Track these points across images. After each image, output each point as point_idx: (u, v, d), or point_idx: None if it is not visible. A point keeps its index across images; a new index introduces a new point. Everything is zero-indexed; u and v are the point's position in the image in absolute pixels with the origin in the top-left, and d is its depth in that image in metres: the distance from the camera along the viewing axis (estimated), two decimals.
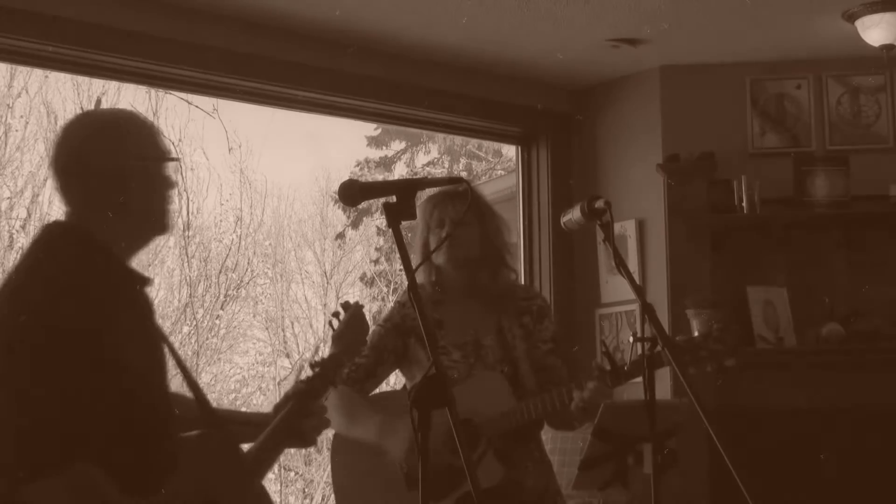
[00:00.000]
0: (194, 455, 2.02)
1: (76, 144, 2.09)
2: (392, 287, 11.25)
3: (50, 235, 2.10)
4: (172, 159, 2.13)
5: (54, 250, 2.04)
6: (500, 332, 2.94)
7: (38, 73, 8.60)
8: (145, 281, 2.13)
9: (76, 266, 2.01)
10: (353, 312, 2.33)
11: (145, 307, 2.14)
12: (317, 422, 2.21)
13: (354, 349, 2.31)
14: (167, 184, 2.12)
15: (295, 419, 2.15)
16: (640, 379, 2.34)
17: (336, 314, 2.36)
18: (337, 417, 2.87)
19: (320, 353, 2.26)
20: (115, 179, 2.05)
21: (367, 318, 2.39)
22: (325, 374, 2.22)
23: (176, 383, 2.27)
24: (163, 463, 1.99)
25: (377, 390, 3.06)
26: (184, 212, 9.54)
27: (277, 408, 2.21)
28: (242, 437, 2.16)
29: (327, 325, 2.36)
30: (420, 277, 2.94)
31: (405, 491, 2.76)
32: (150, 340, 2.10)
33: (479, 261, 2.95)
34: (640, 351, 2.22)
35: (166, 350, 2.15)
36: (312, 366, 2.23)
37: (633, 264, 4.88)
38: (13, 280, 2.03)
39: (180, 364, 2.20)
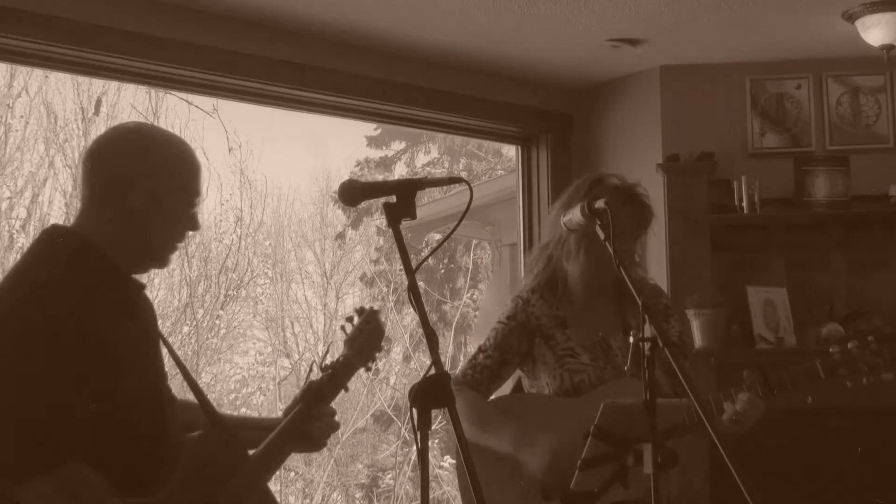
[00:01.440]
0: (192, 455, 2.00)
1: (109, 159, 2.06)
2: (392, 287, 11.25)
3: (48, 238, 2.08)
4: (197, 194, 2.13)
5: (52, 253, 2.02)
6: (627, 332, 2.78)
7: (38, 73, 8.61)
8: (141, 287, 2.11)
9: (72, 268, 1.99)
10: (368, 318, 2.28)
11: (146, 312, 2.12)
12: (325, 425, 2.18)
13: (368, 354, 2.25)
14: (187, 224, 2.12)
15: (302, 422, 2.13)
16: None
17: (350, 318, 2.31)
18: (465, 425, 2.70)
19: (331, 356, 2.21)
20: (147, 201, 2.03)
21: (384, 323, 2.34)
22: (335, 377, 2.19)
23: (176, 384, 2.25)
24: (160, 464, 1.98)
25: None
26: None
27: (287, 411, 2.19)
28: (252, 441, 2.13)
29: (339, 329, 2.32)
30: (572, 268, 2.82)
31: (540, 500, 2.67)
32: (149, 345, 2.09)
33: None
34: (640, 351, 2.21)
35: (166, 354, 2.13)
36: (323, 369, 2.21)
37: None
38: (11, 280, 2.01)
39: (183, 370, 2.19)
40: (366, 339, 2.26)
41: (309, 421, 2.14)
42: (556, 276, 2.88)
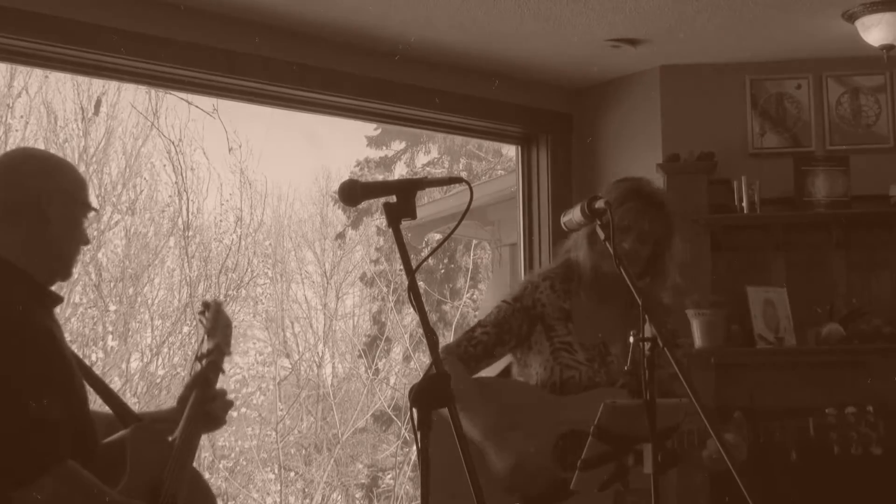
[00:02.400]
0: (135, 446, 2.17)
1: (21, 177, 2.22)
2: (392, 287, 11.25)
3: None
4: (95, 210, 2.31)
5: None
6: (628, 343, 2.78)
7: (38, 73, 8.60)
8: (59, 300, 2.28)
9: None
10: (217, 309, 2.52)
11: (58, 328, 2.27)
12: (221, 403, 2.39)
13: (228, 341, 2.48)
14: (83, 238, 2.28)
15: (202, 406, 2.32)
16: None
17: (202, 312, 2.54)
18: None
19: (203, 347, 2.45)
20: (60, 215, 2.20)
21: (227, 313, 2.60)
22: (214, 363, 2.42)
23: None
24: (101, 463, 2.12)
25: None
26: (184, 212, 9.55)
27: (181, 399, 2.38)
28: (161, 432, 2.31)
29: (197, 323, 2.55)
30: (578, 259, 2.79)
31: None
32: (68, 353, 2.22)
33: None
34: (641, 351, 2.21)
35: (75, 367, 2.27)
36: (199, 358, 2.43)
37: None
38: None
39: (94, 378, 2.32)
40: (223, 329, 2.49)
41: (207, 403, 2.34)
42: (572, 269, 2.86)
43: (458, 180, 2.10)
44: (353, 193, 2.02)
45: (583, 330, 2.81)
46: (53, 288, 2.27)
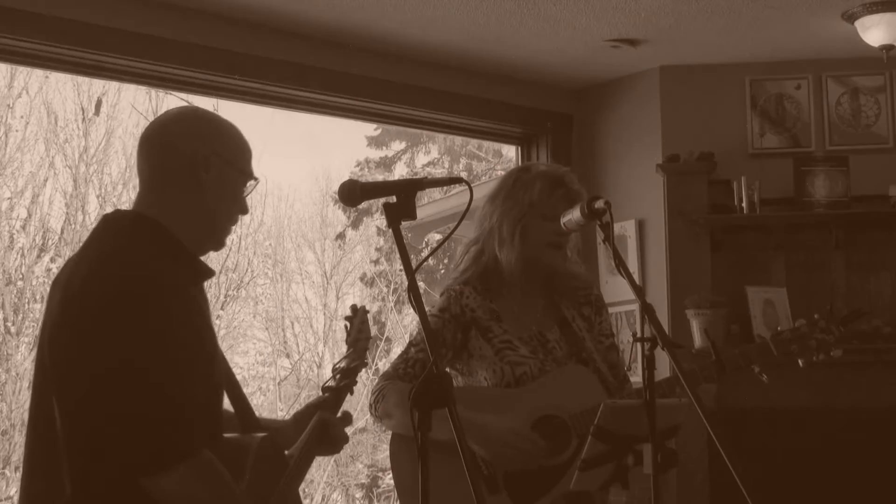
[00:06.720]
0: (259, 456, 2.02)
1: (175, 138, 2.03)
2: (392, 287, 11.26)
3: (122, 224, 2.02)
4: (255, 179, 2.10)
5: (138, 240, 1.97)
6: (563, 324, 2.78)
7: (38, 73, 8.62)
8: (210, 273, 2.09)
9: (158, 254, 1.95)
10: (362, 319, 2.35)
11: (206, 304, 2.10)
12: (342, 430, 2.22)
13: (364, 354, 2.32)
14: (240, 208, 2.09)
15: (326, 429, 2.18)
16: (639, 378, 2.34)
17: (349, 318, 2.37)
18: (402, 417, 2.60)
19: (342, 361, 2.30)
20: (216, 179, 2.01)
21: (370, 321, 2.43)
22: (350, 383, 2.26)
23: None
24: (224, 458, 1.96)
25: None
26: None
27: (298, 415, 2.25)
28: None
29: (344, 329, 2.38)
30: (507, 255, 2.74)
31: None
32: (212, 338, 2.05)
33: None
34: (640, 351, 2.21)
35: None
36: (335, 373, 2.26)
37: (633, 264, 4.88)
38: (98, 272, 1.92)
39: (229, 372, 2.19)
40: (362, 343, 2.33)
41: (332, 427, 2.19)
42: (488, 269, 2.80)
43: (458, 180, 2.09)
44: (353, 194, 2.02)
45: (516, 325, 2.76)
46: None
